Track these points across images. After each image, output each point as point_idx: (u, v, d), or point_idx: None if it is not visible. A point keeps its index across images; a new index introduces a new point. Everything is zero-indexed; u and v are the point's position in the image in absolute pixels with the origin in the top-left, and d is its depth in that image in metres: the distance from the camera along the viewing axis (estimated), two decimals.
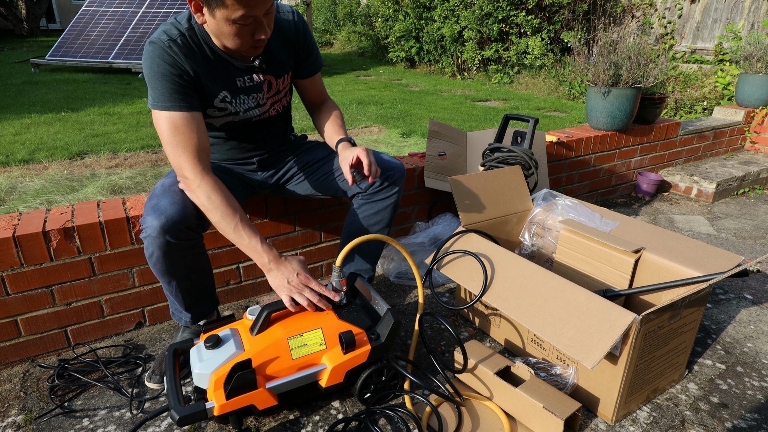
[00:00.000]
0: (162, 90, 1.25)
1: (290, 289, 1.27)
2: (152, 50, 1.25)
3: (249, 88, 1.43)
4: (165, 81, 1.24)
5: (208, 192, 1.25)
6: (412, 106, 5.54)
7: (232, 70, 1.38)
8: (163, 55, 1.24)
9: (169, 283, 1.39)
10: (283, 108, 1.60)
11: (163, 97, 1.25)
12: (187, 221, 1.28)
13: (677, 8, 6.15)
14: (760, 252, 2.38)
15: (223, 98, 1.39)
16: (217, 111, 1.42)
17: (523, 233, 1.86)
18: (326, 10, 12.05)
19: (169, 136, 1.25)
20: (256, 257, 1.28)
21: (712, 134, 3.51)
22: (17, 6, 12.93)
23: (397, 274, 2.06)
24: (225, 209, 1.25)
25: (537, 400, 1.23)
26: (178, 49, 1.26)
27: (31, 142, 3.83)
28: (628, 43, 2.92)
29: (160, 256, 1.30)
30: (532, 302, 1.33)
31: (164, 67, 1.24)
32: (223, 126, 1.48)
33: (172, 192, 1.29)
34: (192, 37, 1.29)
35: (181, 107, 1.26)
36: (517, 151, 1.98)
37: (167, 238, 1.27)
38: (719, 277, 1.29)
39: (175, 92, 1.25)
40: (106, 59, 7.43)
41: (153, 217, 1.25)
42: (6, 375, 1.50)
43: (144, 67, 1.27)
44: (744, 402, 1.41)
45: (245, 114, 1.47)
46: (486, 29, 7.08)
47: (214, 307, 1.57)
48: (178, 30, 1.28)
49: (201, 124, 1.30)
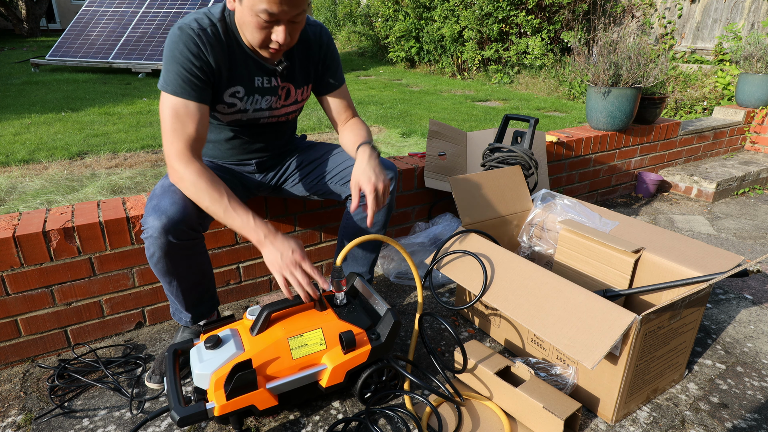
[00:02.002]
0: (175, 75, 1.25)
1: (281, 266, 1.23)
2: (179, 35, 1.25)
3: (265, 90, 1.43)
4: (181, 68, 1.25)
5: (194, 179, 1.23)
6: (412, 106, 5.54)
7: (254, 68, 1.39)
8: (188, 43, 1.25)
9: (170, 283, 1.39)
10: (294, 117, 1.60)
11: (174, 82, 1.25)
12: (188, 221, 1.28)
13: (677, 8, 6.15)
14: (760, 252, 2.38)
15: (235, 93, 1.39)
16: (227, 107, 1.41)
17: (523, 234, 1.86)
18: (326, 10, 12.05)
19: (168, 121, 1.26)
20: (251, 234, 1.24)
21: (712, 134, 3.51)
22: (17, 6, 12.93)
23: (397, 274, 2.06)
24: (212, 193, 1.23)
25: (537, 400, 1.23)
26: (206, 38, 1.27)
27: (31, 142, 3.83)
28: (628, 43, 2.92)
29: (161, 256, 1.30)
30: (532, 302, 1.33)
31: (186, 54, 1.25)
32: (231, 123, 1.48)
33: (172, 192, 1.29)
34: (223, 28, 1.31)
35: (189, 96, 1.26)
36: (517, 151, 1.98)
37: (169, 238, 1.27)
38: (719, 277, 1.29)
39: (187, 81, 1.25)
40: (106, 59, 7.43)
41: (154, 217, 1.25)
42: (6, 375, 1.50)
43: (165, 48, 1.27)
44: (744, 402, 1.41)
45: (253, 114, 1.47)
46: (486, 29, 7.08)
47: (214, 308, 1.57)
48: (210, 20, 1.29)
49: (203, 118, 1.29)
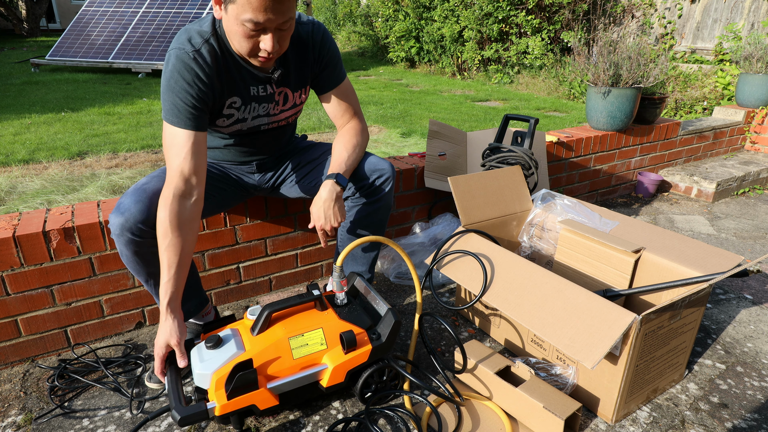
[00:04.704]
0: (171, 104, 1.25)
1: (156, 346, 1.26)
2: (175, 63, 1.24)
3: (261, 98, 1.42)
4: (177, 98, 1.24)
5: (163, 230, 1.23)
6: (412, 106, 5.54)
7: (248, 77, 1.36)
8: (182, 71, 1.23)
9: (146, 281, 1.40)
10: (294, 120, 1.59)
11: (171, 112, 1.26)
12: (149, 221, 1.28)
13: (677, 8, 6.15)
14: (760, 252, 2.38)
15: (232, 104, 1.38)
16: (226, 119, 1.40)
17: (523, 234, 1.87)
18: (326, 10, 12.06)
19: (167, 147, 1.28)
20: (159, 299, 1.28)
21: (712, 134, 3.51)
22: (17, 6, 12.93)
23: (398, 274, 2.06)
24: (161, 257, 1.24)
25: (537, 400, 1.23)
26: (202, 60, 1.25)
27: (31, 142, 3.83)
28: (628, 43, 2.92)
29: (130, 254, 1.31)
30: (532, 302, 1.33)
31: (181, 84, 1.24)
32: (232, 134, 1.48)
33: (139, 191, 1.30)
34: (216, 42, 1.28)
35: (186, 125, 1.26)
36: (517, 151, 1.98)
37: (129, 235, 1.27)
38: (719, 277, 1.29)
39: (182, 111, 1.25)
40: (106, 59, 7.43)
41: (115, 215, 1.27)
42: (6, 375, 1.51)
43: (162, 75, 1.27)
44: (744, 402, 1.41)
45: (253, 122, 1.46)
46: (486, 29, 7.08)
47: (202, 306, 1.56)
48: (202, 38, 1.26)
49: (201, 145, 1.29)
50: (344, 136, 1.51)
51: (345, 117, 1.55)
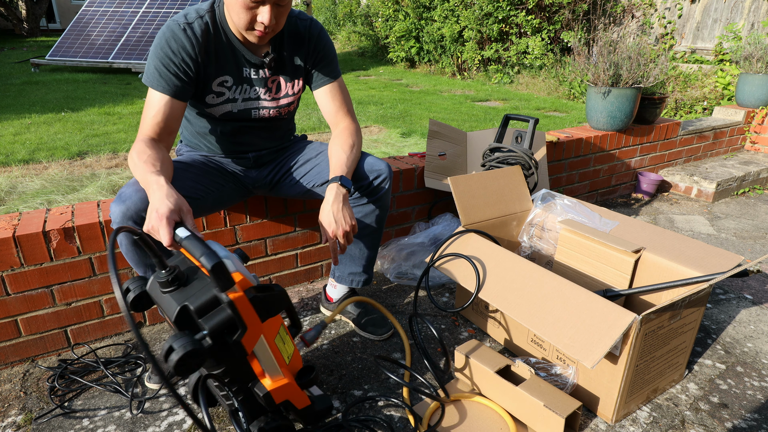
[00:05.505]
0: (154, 69, 1.32)
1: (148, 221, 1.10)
2: (164, 32, 1.31)
3: (253, 80, 1.46)
4: (160, 63, 1.31)
5: (137, 151, 1.23)
6: (412, 106, 5.54)
7: (242, 59, 1.42)
8: (170, 40, 1.30)
9: (145, 273, 1.39)
10: (288, 113, 1.59)
11: (152, 76, 1.32)
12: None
13: (677, 8, 6.15)
14: (760, 252, 2.38)
15: (223, 82, 1.42)
16: (215, 96, 1.43)
17: (523, 234, 1.87)
18: (326, 10, 12.06)
19: (145, 109, 1.33)
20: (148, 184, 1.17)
21: (712, 134, 3.51)
22: (17, 6, 12.94)
23: (397, 274, 2.06)
24: (145, 166, 1.20)
25: (538, 399, 1.23)
26: (191, 32, 1.32)
27: (31, 142, 3.83)
28: (628, 43, 2.92)
29: (128, 244, 1.31)
30: (532, 302, 1.33)
31: (166, 51, 1.30)
32: (223, 116, 1.49)
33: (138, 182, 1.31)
34: (210, 20, 1.35)
35: (165, 90, 1.32)
36: (517, 151, 1.98)
37: (130, 224, 1.26)
38: (719, 277, 1.29)
39: (164, 76, 1.31)
40: (106, 59, 7.43)
41: (116, 203, 1.27)
42: (6, 375, 1.51)
43: (153, 41, 1.34)
44: (744, 402, 1.41)
45: (243, 104, 1.48)
46: (486, 29, 7.08)
47: None
48: (198, 14, 1.34)
49: (175, 112, 1.34)
50: (340, 137, 1.51)
51: (338, 115, 1.56)
